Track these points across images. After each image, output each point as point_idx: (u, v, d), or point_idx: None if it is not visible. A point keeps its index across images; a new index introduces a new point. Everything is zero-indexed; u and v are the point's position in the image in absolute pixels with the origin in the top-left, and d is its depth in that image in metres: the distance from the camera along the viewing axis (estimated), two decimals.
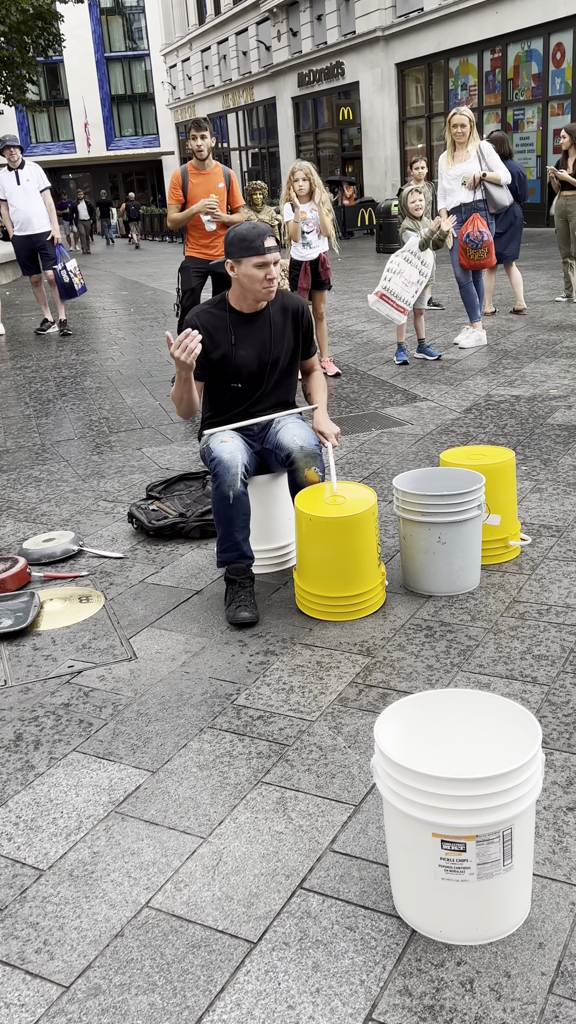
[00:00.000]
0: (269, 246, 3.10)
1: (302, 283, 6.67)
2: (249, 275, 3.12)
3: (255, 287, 3.14)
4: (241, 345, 3.24)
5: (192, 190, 6.48)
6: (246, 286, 3.16)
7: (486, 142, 7.22)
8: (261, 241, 3.09)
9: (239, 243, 3.11)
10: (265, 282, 3.12)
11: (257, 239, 3.09)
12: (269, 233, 3.13)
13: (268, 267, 3.11)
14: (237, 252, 3.12)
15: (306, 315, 3.36)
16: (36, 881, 1.98)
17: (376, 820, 2.08)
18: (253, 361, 3.27)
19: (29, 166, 9.38)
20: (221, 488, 3.07)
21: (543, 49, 19.46)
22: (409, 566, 3.22)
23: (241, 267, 3.13)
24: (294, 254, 6.63)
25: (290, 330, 3.33)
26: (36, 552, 3.71)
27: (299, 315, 3.34)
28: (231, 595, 3.14)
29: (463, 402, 5.80)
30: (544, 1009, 1.59)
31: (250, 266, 3.11)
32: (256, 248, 3.09)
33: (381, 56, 25.03)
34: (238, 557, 3.15)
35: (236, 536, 3.13)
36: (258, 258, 3.09)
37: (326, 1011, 1.62)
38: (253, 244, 3.09)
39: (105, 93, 52.06)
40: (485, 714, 1.85)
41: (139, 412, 6.24)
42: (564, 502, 3.96)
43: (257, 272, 3.11)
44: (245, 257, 3.11)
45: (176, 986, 1.69)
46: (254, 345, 3.26)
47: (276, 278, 3.14)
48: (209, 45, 38.33)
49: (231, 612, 3.09)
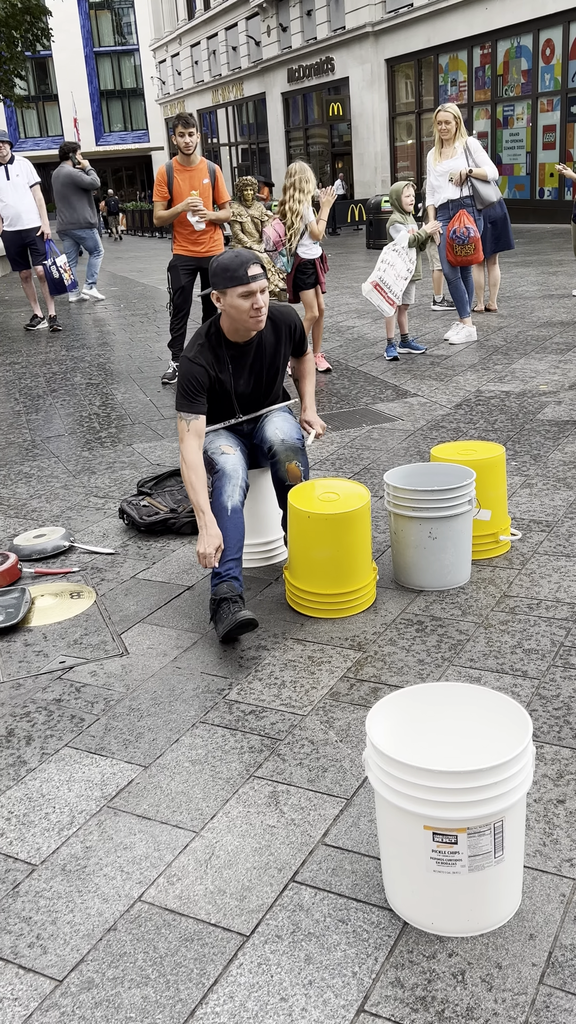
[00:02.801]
0: (253, 274, 2.96)
1: (322, 278, 6.69)
2: (235, 306, 2.99)
3: (243, 318, 3.01)
4: (239, 375, 3.20)
5: (177, 186, 6.46)
6: (235, 317, 3.03)
7: (473, 138, 7.23)
8: (244, 270, 2.95)
9: (222, 274, 2.98)
10: (253, 311, 2.99)
11: (240, 268, 2.95)
12: (253, 261, 2.99)
13: (255, 296, 2.97)
14: (221, 283, 2.99)
15: (297, 327, 3.30)
16: (29, 876, 1.98)
17: (368, 813, 2.09)
18: (251, 387, 3.24)
19: (19, 161, 9.33)
20: (220, 499, 3.01)
21: (533, 45, 19.49)
22: (400, 561, 3.23)
23: (227, 298, 3.00)
24: (305, 254, 6.55)
25: (283, 347, 3.27)
26: (27, 548, 3.70)
27: (292, 331, 3.27)
28: (224, 611, 2.86)
29: (453, 398, 5.82)
30: (535, 999, 1.60)
31: (235, 297, 2.98)
32: (239, 278, 2.95)
33: (371, 52, 25.02)
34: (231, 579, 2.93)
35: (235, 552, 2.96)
36: (243, 288, 2.96)
37: (319, 1003, 1.63)
38: (236, 274, 2.96)
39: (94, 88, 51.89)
40: (476, 708, 1.86)
41: (129, 408, 6.23)
42: (554, 497, 3.98)
43: (243, 303, 2.98)
44: (230, 288, 2.97)
45: (169, 979, 1.70)
46: (251, 371, 3.22)
47: (263, 306, 3.01)
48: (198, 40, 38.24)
49: (229, 619, 2.81)
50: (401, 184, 6.97)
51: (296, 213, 6.32)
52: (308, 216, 6.33)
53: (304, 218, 6.33)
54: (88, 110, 51.66)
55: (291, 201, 6.35)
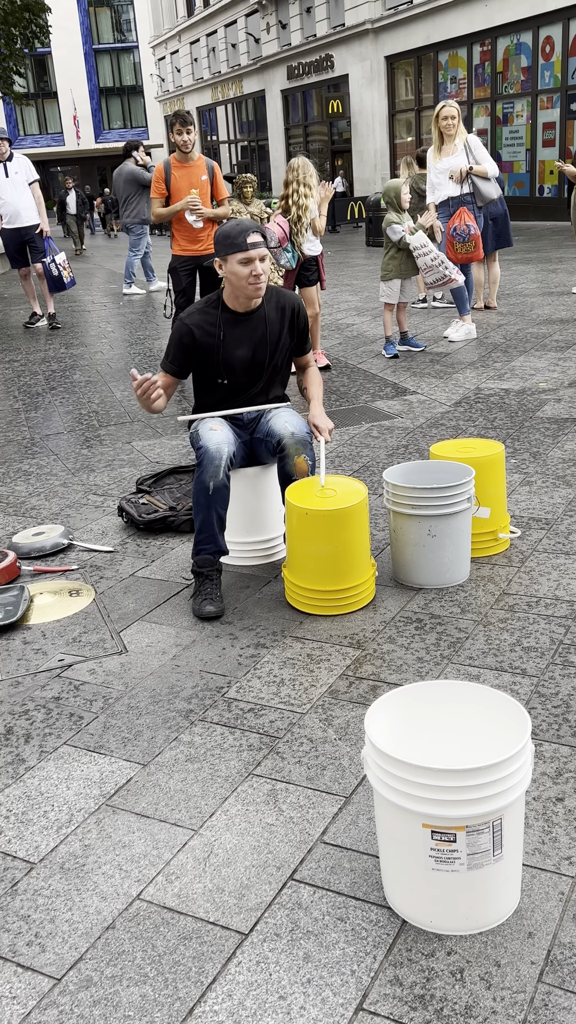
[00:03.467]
0: (253, 242, 3.07)
1: (323, 275, 6.68)
2: (235, 272, 3.10)
3: (242, 285, 3.12)
4: (231, 343, 3.23)
5: (175, 183, 6.44)
6: (235, 284, 3.14)
7: (473, 135, 7.22)
8: (244, 237, 3.06)
9: (223, 241, 3.10)
10: (252, 278, 3.09)
11: (240, 235, 3.07)
12: (254, 229, 3.10)
13: (253, 263, 3.08)
14: (223, 250, 3.11)
15: (302, 313, 3.35)
16: (27, 874, 1.98)
17: (366, 811, 2.09)
18: (245, 359, 3.25)
19: (18, 158, 9.32)
20: (203, 477, 3.08)
21: (532, 42, 19.46)
22: (399, 559, 3.22)
23: (228, 265, 3.11)
24: (308, 250, 6.53)
25: (286, 328, 3.32)
26: (26, 546, 3.70)
27: (295, 313, 3.32)
28: (197, 588, 3.15)
29: (453, 395, 5.81)
30: (534, 998, 1.60)
31: (235, 263, 3.09)
32: (239, 245, 3.06)
33: (370, 49, 24.99)
34: (214, 550, 3.16)
35: (214, 527, 3.13)
36: (242, 254, 3.07)
37: (317, 1001, 1.62)
38: (236, 241, 3.07)
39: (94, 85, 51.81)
40: (475, 706, 1.86)
41: (129, 406, 6.23)
42: (553, 495, 3.97)
43: (242, 269, 3.08)
44: (230, 255, 3.09)
45: (168, 977, 1.70)
46: (247, 344, 3.24)
47: (263, 274, 3.11)
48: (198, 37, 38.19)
49: (196, 605, 3.10)
50: (399, 181, 6.90)
51: (302, 207, 6.26)
52: (314, 211, 6.30)
53: (310, 212, 6.30)
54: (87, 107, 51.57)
55: (295, 195, 6.23)
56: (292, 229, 6.26)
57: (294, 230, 6.26)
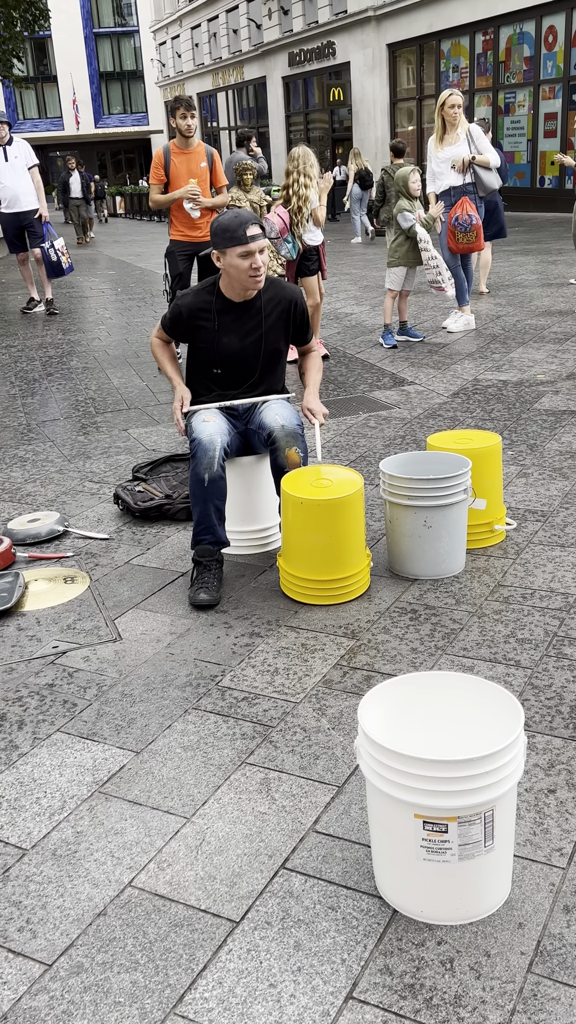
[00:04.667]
0: (252, 235, 3.04)
1: (324, 265, 6.65)
2: (235, 266, 3.08)
3: (242, 278, 3.10)
4: (225, 332, 3.22)
5: (174, 169, 6.41)
6: (234, 276, 3.12)
7: (475, 125, 7.19)
8: (244, 230, 3.03)
9: (222, 234, 3.07)
10: (251, 271, 3.07)
11: (239, 228, 3.03)
12: (252, 221, 3.07)
13: (253, 256, 3.06)
14: (221, 243, 3.07)
15: (300, 306, 3.32)
16: (19, 860, 1.98)
17: (359, 801, 2.09)
18: (238, 349, 3.24)
19: (17, 143, 9.27)
20: (197, 470, 3.07)
21: (535, 32, 19.37)
22: (395, 549, 3.22)
23: (226, 258, 3.09)
24: (309, 240, 6.50)
25: (283, 321, 3.29)
26: (21, 532, 3.69)
27: (293, 306, 3.30)
28: (195, 576, 3.15)
29: (451, 386, 5.80)
30: (523, 988, 1.61)
31: (235, 257, 3.06)
32: (239, 238, 3.03)
33: (372, 36, 24.85)
34: (213, 541, 3.15)
35: (212, 519, 3.12)
36: (242, 247, 3.04)
37: (307, 989, 1.63)
38: (235, 234, 3.04)
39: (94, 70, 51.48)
40: (468, 697, 1.86)
41: (126, 393, 6.21)
42: (550, 487, 3.97)
43: (242, 262, 3.06)
44: (229, 247, 3.06)
45: (158, 964, 1.70)
46: (241, 334, 3.23)
47: (262, 266, 3.09)
48: (199, 22, 37.94)
49: (192, 593, 3.09)
50: (407, 169, 6.85)
51: (303, 198, 6.23)
52: (315, 201, 6.27)
53: (310, 202, 6.27)
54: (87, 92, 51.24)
55: (295, 185, 6.20)
56: (293, 220, 6.24)
57: (294, 220, 6.24)
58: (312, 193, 6.25)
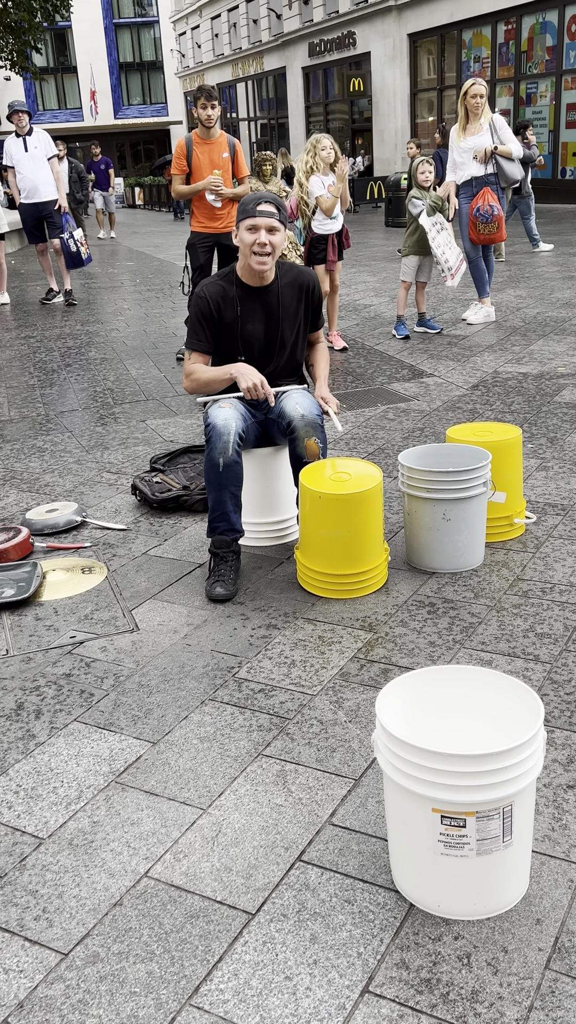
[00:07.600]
0: (262, 209, 3.03)
1: (331, 256, 6.61)
2: (243, 240, 3.09)
3: (247, 253, 3.09)
4: (247, 319, 3.21)
5: (196, 160, 6.39)
6: (243, 253, 3.13)
7: (498, 115, 7.13)
8: (255, 204, 3.04)
9: (240, 208, 3.10)
10: (256, 246, 3.05)
11: (252, 202, 3.05)
12: (268, 199, 3.06)
13: (259, 231, 3.04)
14: (238, 216, 3.11)
15: (316, 291, 3.32)
16: (36, 849, 1.98)
17: (376, 794, 2.08)
18: (260, 335, 3.23)
19: (37, 133, 9.28)
20: (212, 454, 3.04)
21: (558, 21, 19.15)
22: (413, 542, 3.20)
23: (239, 232, 3.11)
24: (319, 228, 6.51)
25: (301, 306, 3.29)
26: (39, 522, 3.70)
27: (310, 291, 3.29)
28: (212, 568, 3.13)
29: (470, 379, 5.76)
30: (540, 984, 1.60)
31: (243, 230, 3.08)
32: (248, 211, 3.04)
33: (393, 26, 24.67)
34: (227, 529, 3.11)
35: (227, 506, 3.08)
36: (249, 220, 3.04)
37: (323, 982, 1.62)
38: (246, 207, 3.05)
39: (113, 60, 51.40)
40: (487, 691, 1.85)
41: (144, 384, 6.21)
42: (570, 481, 3.94)
43: (248, 236, 3.06)
44: (241, 221, 3.08)
45: (174, 955, 1.70)
46: (261, 320, 3.22)
47: (268, 245, 3.06)
48: (219, 12, 37.81)
49: (208, 586, 3.08)
50: (419, 160, 6.95)
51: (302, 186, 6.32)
52: (313, 189, 6.30)
53: (309, 191, 6.29)
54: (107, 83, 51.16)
55: (299, 174, 6.41)
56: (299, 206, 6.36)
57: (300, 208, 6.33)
58: (315, 180, 6.27)
